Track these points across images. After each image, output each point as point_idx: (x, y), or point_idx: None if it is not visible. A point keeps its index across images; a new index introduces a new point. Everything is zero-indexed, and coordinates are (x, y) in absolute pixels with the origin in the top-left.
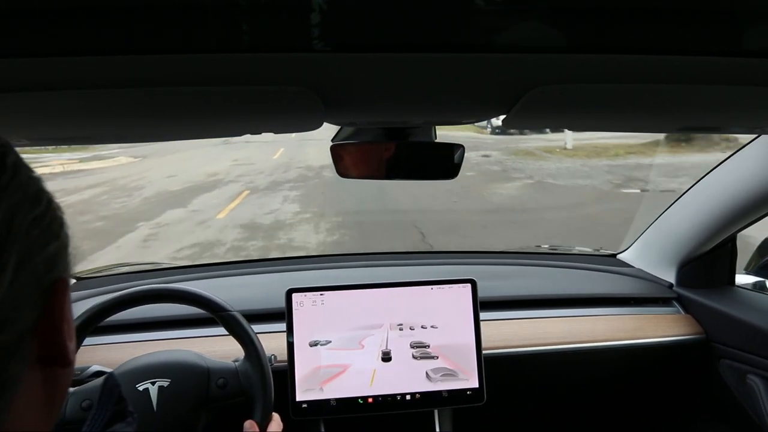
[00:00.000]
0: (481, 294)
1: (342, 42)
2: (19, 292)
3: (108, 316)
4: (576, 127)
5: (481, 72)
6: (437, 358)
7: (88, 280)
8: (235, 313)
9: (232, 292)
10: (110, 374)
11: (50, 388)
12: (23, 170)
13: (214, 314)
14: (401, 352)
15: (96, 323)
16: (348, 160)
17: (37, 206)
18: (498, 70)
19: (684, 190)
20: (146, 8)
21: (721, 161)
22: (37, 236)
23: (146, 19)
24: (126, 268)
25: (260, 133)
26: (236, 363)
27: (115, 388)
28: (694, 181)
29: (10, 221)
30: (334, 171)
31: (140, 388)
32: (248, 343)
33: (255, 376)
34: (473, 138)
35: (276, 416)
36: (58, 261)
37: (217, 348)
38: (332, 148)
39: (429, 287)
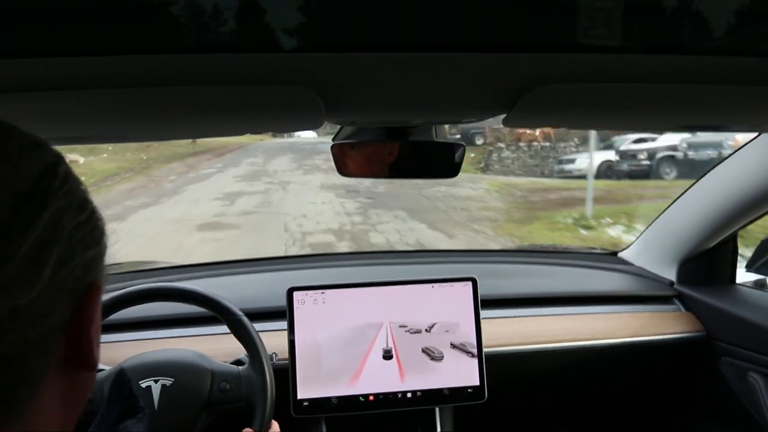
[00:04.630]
0: (481, 292)
1: (342, 41)
2: (57, 289)
3: (112, 313)
4: (577, 127)
5: (482, 71)
6: (438, 356)
7: None
8: (243, 317)
9: (233, 290)
10: (121, 369)
11: (74, 390)
12: (72, 180)
13: (221, 317)
14: (402, 350)
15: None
16: (350, 160)
17: (81, 213)
18: (498, 70)
19: (685, 189)
20: (146, 8)
21: (722, 159)
22: (79, 240)
23: (146, 19)
24: (125, 267)
25: (260, 133)
26: (240, 368)
27: (126, 384)
28: (695, 180)
29: (56, 223)
30: None
31: (143, 385)
32: (253, 349)
33: (257, 383)
34: None
35: (275, 424)
36: (95, 266)
37: (218, 347)
38: (333, 148)
39: (430, 285)
